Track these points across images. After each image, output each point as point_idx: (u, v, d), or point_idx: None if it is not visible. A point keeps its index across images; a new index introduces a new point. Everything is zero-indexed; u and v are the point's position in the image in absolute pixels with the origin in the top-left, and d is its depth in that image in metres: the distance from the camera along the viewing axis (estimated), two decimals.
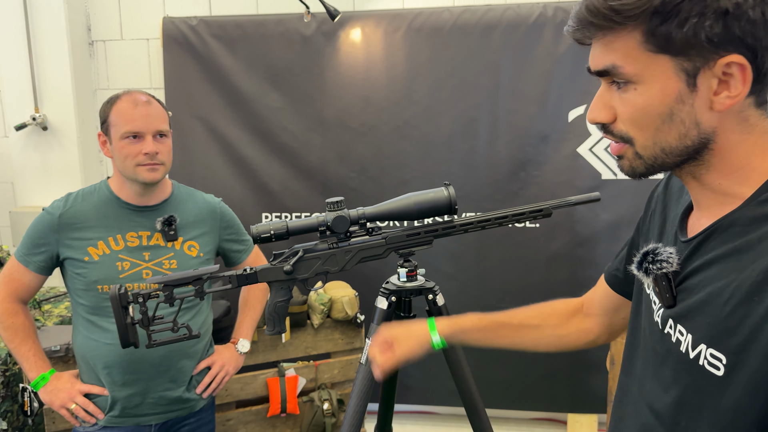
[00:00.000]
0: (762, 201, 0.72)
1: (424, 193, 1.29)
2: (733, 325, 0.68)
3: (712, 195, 0.77)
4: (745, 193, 0.74)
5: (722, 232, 0.74)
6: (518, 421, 3.15)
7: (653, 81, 0.72)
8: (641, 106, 0.74)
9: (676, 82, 0.71)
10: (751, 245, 0.69)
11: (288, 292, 1.32)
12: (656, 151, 0.75)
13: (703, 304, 0.73)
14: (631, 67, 0.73)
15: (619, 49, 0.73)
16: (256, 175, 3.01)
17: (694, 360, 0.73)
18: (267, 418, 2.48)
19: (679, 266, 0.79)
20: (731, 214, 0.74)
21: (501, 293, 2.95)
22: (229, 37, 2.94)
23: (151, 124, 1.61)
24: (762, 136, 0.74)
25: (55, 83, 2.94)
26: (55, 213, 1.65)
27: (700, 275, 0.75)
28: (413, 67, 2.88)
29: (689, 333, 0.74)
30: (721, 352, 0.69)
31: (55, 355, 2.12)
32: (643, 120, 0.74)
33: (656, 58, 0.71)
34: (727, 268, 0.71)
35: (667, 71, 0.71)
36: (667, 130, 0.73)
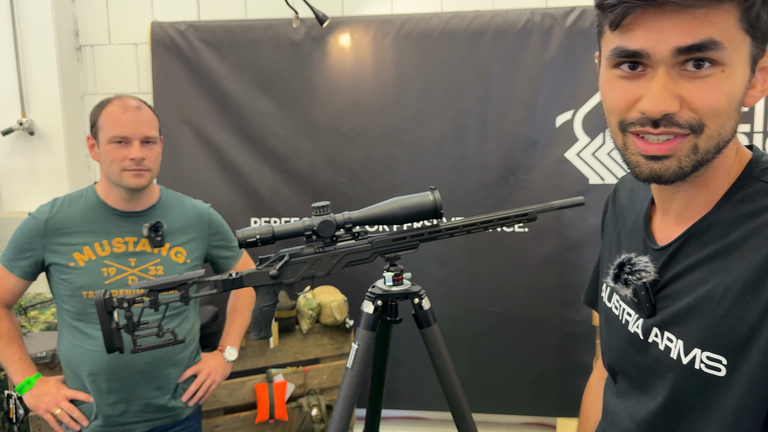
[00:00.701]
0: (735, 202, 0.72)
1: (410, 198, 1.29)
2: (731, 325, 0.68)
3: (691, 198, 0.77)
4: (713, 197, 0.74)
5: (700, 236, 0.74)
6: (508, 426, 3.15)
7: (738, 64, 0.66)
8: (728, 90, 0.67)
9: (747, 68, 0.67)
10: (735, 245, 0.69)
11: (274, 297, 1.32)
12: (713, 143, 0.69)
13: (693, 309, 0.72)
14: (729, 44, 0.65)
15: (719, 24, 0.64)
16: (245, 180, 3.01)
17: (688, 365, 0.72)
18: (255, 424, 2.47)
19: (657, 274, 0.78)
20: (706, 218, 0.74)
21: (491, 297, 2.96)
22: (218, 42, 2.93)
23: (139, 130, 1.60)
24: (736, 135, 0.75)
25: (42, 88, 2.92)
26: (41, 218, 1.64)
27: (683, 281, 0.75)
28: (402, 73, 2.88)
29: (680, 339, 0.74)
30: (720, 354, 0.69)
31: (41, 361, 2.10)
32: (725, 106, 0.67)
33: (744, 40, 0.66)
34: (714, 271, 0.71)
35: (746, 55, 0.67)
36: (731, 121, 0.68)
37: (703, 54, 0.65)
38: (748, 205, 0.70)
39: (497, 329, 2.97)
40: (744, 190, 0.72)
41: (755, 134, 2.71)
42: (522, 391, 3.01)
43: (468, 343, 2.99)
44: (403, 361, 2.99)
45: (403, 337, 2.64)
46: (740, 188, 0.72)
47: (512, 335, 2.96)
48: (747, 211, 0.70)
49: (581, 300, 1.15)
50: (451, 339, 2.90)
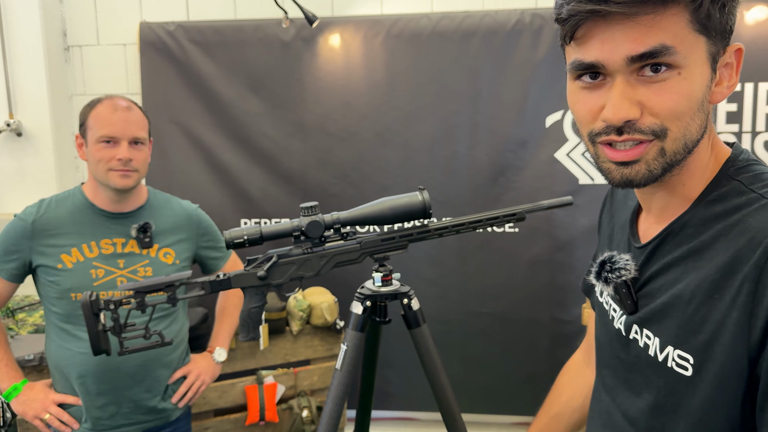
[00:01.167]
0: (710, 201, 0.72)
1: (399, 198, 1.29)
2: (697, 324, 0.69)
3: (670, 197, 0.77)
4: (692, 194, 0.74)
5: (675, 235, 0.75)
6: (499, 426, 3.15)
7: (695, 65, 0.67)
8: (687, 92, 0.67)
9: (707, 67, 0.68)
10: (706, 245, 0.70)
11: (262, 298, 1.32)
12: (680, 145, 0.70)
13: (667, 307, 0.73)
14: (681, 48, 0.66)
15: (669, 28, 0.65)
16: (235, 181, 3.00)
17: (662, 363, 0.73)
18: (245, 426, 2.46)
19: (637, 272, 0.79)
20: (682, 217, 0.74)
21: (482, 298, 2.96)
22: (207, 42, 2.92)
23: (127, 130, 1.59)
24: (711, 132, 0.74)
25: (29, 89, 2.90)
26: (27, 219, 1.62)
27: (659, 279, 0.76)
28: (393, 73, 2.88)
29: (656, 336, 0.75)
30: (688, 353, 0.70)
31: (28, 364, 2.09)
32: (685, 108, 0.68)
33: (698, 40, 0.66)
34: (687, 270, 0.72)
35: (703, 55, 0.67)
36: (695, 121, 0.69)
37: (656, 60, 0.66)
38: (721, 204, 0.71)
39: (488, 330, 2.97)
40: (718, 189, 0.72)
41: (744, 134, 2.73)
42: (513, 392, 3.02)
43: (459, 343, 2.99)
44: (394, 361, 2.99)
45: (393, 338, 2.64)
46: (715, 187, 0.73)
47: (503, 336, 2.97)
48: (719, 210, 0.71)
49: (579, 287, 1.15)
50: (443, 340, 2.92)
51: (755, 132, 2.72)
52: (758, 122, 2.72)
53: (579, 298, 2.80)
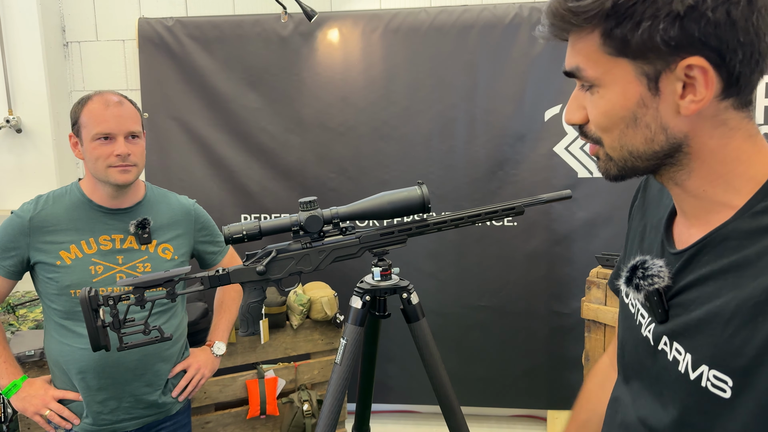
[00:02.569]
0: (756, 212, 0.67)
1: (398, 192, 1.29)
2: (738, 346, 0.64)
3: (698, 202, 0.73)
4: (734, 202, 0.69)
5: (716, 245, 0.70)
6: (498, 419, 3.17)
7: (613, 85, 0.70)
8: (603, 110, 0.72)
9: (637, 86, 0.69)
10: (750, 261, 0.65)
11: (261, 293, 1.32)
12: (624, 154, 0.73)
13: (702, 323, 0.69)
14: (592, 70, 0.71)
15: (582, 51, 0.71)
16: (234, 177, 3.00)
17: (695, 381, 0.69)
18: (246, 420, 2.47)
19: (671, 280, 0.75)
20: (724, 227, 0.70)
21: (480, 291, 2.97)
22: (205, 37, 2.92)
23: (123, 125, 1.59)
24: (747, 140, 0.70)
25: (29, 85, 2.90)
26: (25, 216, 1.62)
27: (695, 291, 0.71)
28: (391, 68, 2.88)
29: (688, 352, 0.70)
30: (727, 374, 0.65)
31: (29, 360, 2.10)
32: (607, 123, 0.72)
33: (616, 62, 0.69)
34: (726, 285, 0.67)
35: (627, 75, 0.69)
36: (633, 135, 0.71)
37: (576, 78, 0.74)
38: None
39: (487, 323, 2.98)
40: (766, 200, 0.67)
41: None
42: (512, 384, 3.03)
43: (458, 336, 3.01)
44: (394, 355, 3.00)
45: (393, 332, 2.65)
46: (763, 197, 0.68)
47: (502, 329, 2.98)
48: (766, 224, 0.66)
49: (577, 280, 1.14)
50: (441, 333, 2.93)
51: None
52: (756, 115, 2.73)
53: (577, 291, 2.81)
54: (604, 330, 2.23)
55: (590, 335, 2.28)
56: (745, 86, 0.68)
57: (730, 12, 0.63)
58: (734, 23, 0.63)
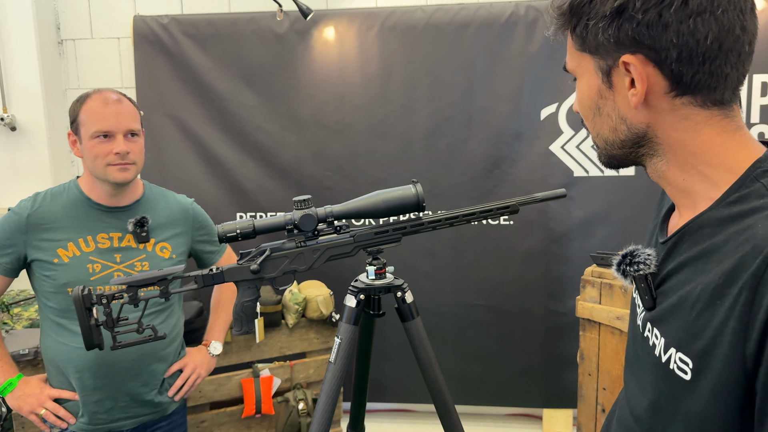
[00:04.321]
0: (730, 202, 0.70)
1: (392, 191, 1.29)
2: (699, 329, 0.68)
3: (683, 194, 0.77)
4: (712, 194, 0.72)
5: (692, 233, 0.74)
6: (495, 417, 3.17)
7: (582, 77, 0.78)
8: (578, 99, 0.81)
9: (596, 78, 0.76)
10: (717, 247, 0.69)
11: (255, 292, 1.32)
12: (600, 142, 0.80)
13: (674, 308, 0.73)
14: (570, 62, 0.80)
15: (568, 47, 0.79)
16: (230, 175, 2.99)
17: (665, 364, 0.73)
18: (242, 419, 2.47)
19: (657, 267, 0.79)
20: (701, 216, 0.73)
21: (476, 290, 2.97)
22: (201, 35, 2.91)
23: (121, 123, 1.58)
24: (720, 134, 0.72)
25: (23, 83, 2.89)
26: (22, 213, 1.61)
27: (674, 278, 0.75)
28: (387, 66, 2.88)
29: (662, 337, 0.74)
30: (688, 356, 0.69)
31: (23, 358, 2.09)
32: (581, 111, 0.81)
33: (582, 56, 0.77)
34: (696, 272, 0.71)
35: (590, 68, 0.76)
36: (601, 123, 0.78)
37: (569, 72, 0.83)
38: (739, 207, 0.69)
39: (483, 322, 2.98)
40: (741, 190, 0.70)
41: None
42: (508, 383, 3.03)
43: (454, 335, 3.01)
44: (390, 354, 3.00)
45: (389, 331, 2.65)
46: (738, 188, 0.70)
47: (498, 328, 2.98)
48: (736, 212, 0.69)
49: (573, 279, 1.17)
50: (437, 332, 2.93)
51: (750, 124, 2.72)
52: (753, 114, 2.73)
53: (573, 290, 2.81)
54: (599, 329, 2.23)
55: (585, 334, 2.28)
56: (696, 86, 0.70)
57: (662, 14, 0.67)
58: (667, 25, 0.67)
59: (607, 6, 0.69)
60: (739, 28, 0.68)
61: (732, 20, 0.67)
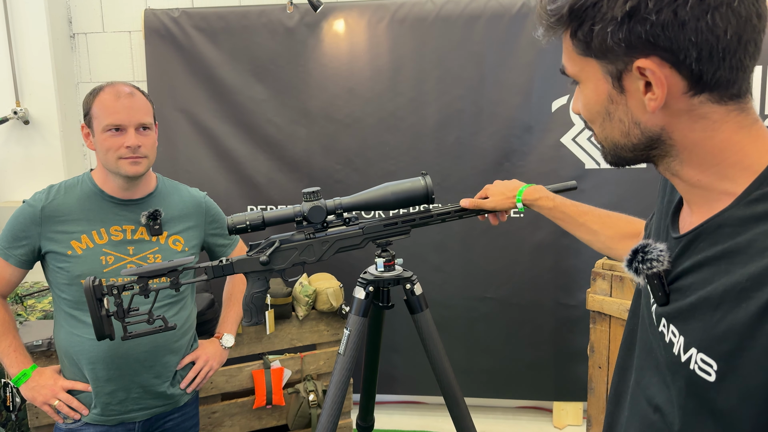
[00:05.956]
0: (751, 201, 0.67)
1: (401, 183, 1.29)
2: (723, 331, 0.65)
3: (696, 191, 0.74)
4: (732, 191, 0.70)
5: (711, 232, 0.71)
6: (505, 410, 3.18)
7: (588, 82, 0.75)
8: (584, 104, 0.77)
9: (604, 83, 0.72)
10: (741, 249, 0.66)
11: (265, 283, 1.32)
12: (609, 145, 0.77)
13: (694, 308, 0.70)
14: (571, 67, 0.76)
15: (565, 50, 0.76)
16: (240, 168, 3.01)
17: (685, 363, 0.71)
18: (253, 410, 2.48)
19: (670, 264, 0.76)
20: (720, 215, 0.70)
21: (486, 283, 2.97)
22: (211, 28, 2.92)
23: (133, 117, 1.58)
24: (738, 131, 0.70)
25: (36, 76, 2.91)
26: (37, 205, 1.62)
27: (691, 277, 0.73)
28: (397, 59, 2.87)
29: (681, 335, 0.72)
30: (712, 358, 0.66)
31: (37, 349, 2.11)
32: (588, 116, 0.78)
33: (586, 61, 0.73)
34: (718, 272, 0.68)
35: (596, 73, 0.72)
36: (610, 128, 0.75)
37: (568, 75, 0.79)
38: (762, 206, 0.66)
39: (493, 315, 2.98)
40: (762, 188, 0.67)
41: None
42: (518, 376, 3.03)
43: (463, 328, 3.01)
44: (400, 346, 3.01)
45: (399, 323, 2.66)
46: (759, 186, 0.67)
47: (508, 320, 2.98)
48: (760, 212, 0.66)
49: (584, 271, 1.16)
50: (447, 325, 2.93)
51: (764, 116, 2.69)
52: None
53: (584, 282, 2.79)
54: (610, 321, 2.22)
55: (595, 327, 2.28)
56: (716, 83, 0.67)
57: (678, 12, 0.63)
58: (683, 23, 0.63)
59: (616, 9, 0.65)
60: (755, 17, 0.65)
61: (749, 9, 0.64)
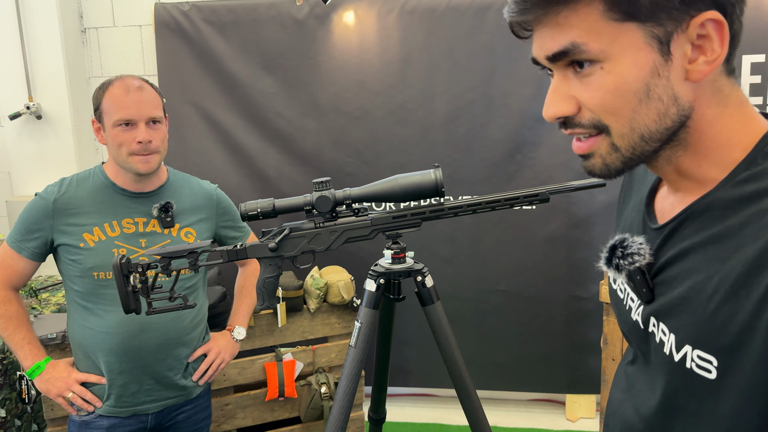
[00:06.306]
0: (740, 181, 0.64)
1: (411, 176, 1.28)
2: (721, 323, 0.61)
3: (691, 179, 0.70)
4: (720, 173, 0.66)
5: (697, 217, 0.67)
6: (517, 402, 3.17)
7: (623, 55, 0.63)
8: (613, 86, 0.64)
9: (648, 52, 0.62)
10: (732, 232, 0.62)
11: (277, 269, 1.35)
12: (635, 138, 0.66)
13: (684, 300, 0.66)
14: (596, 42, 0.63)
15: (579, 25, 0.63)
16: (251, 162, 3.01)
17: (680, 363, 0.66)
18: (265, 402, 2.49)
19: (652, 257, 0.72)
20: (706, 197, 0.67)
21: (497, 275, 2.96)
22: (221, 22, 2.92)
23: (143, 111, 1.57)
24: (738, 108, 0.66)
25: (48, 71, 2.93)
26: (49, 198, 1.63)
27: (677, 266, 0.68)
28: (407, 50, 2.86)
29: (672, 333, 0.68)
30: (711, 354, 0.62)
31: (51, 342, 2.13)
32: (617, 102, 0.65)
33: (623, 28, 0.62)
34: (708, 259, 0.64)
35: (636, 41, 0.62)
36: (645, 111, 0.64)
37: (571, 58, 0.65)
38: (753, 185, 0.63)
39: (504, 307, 2.97)
40: (751, 168, 0.64)
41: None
42: (530, 369, 3.02)
43: (475, 321, 3.00)
44: (412, 338, 3.01)
45: (411, 315, 2.65)
46: (748, 166, 0.64)
47: (519, 313, 2.96)
48: (751, 191, 0.62)
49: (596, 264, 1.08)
50: (459, 317, 2.93)
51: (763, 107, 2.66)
52: None
53: (596, 275, 2.78)
54: None
55: (608, 319, 2.26)
56: (736, 47, 0.65)
57: None
58: None
59: None
60: None
61: None
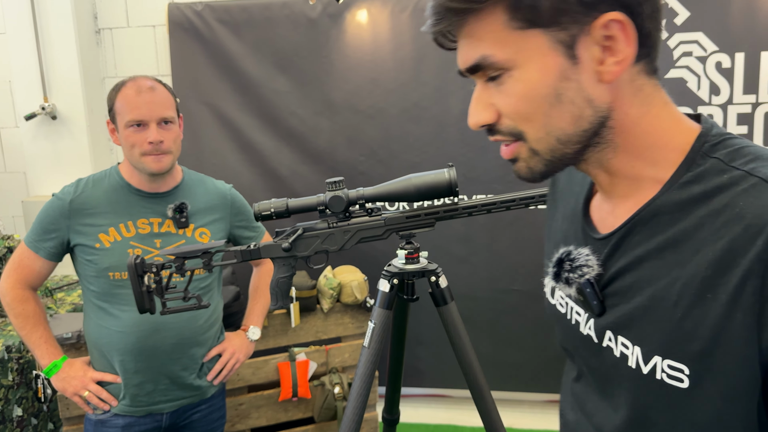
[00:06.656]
0: (684, 183, 0.63)
1: (425, 175, 1.26)
2: (690, 329, 0.60)
3: (625, 181, 0.68)
4: (661, 176, 0.65)
5: (646, 223, 0.66)
6: (532, 403, 3.14)
7: (529, 62, 0.63)
8: (522, 93, 0.64)
9: (554, 57, 0.62)
10: (687, 235, 0.62)
11: (290, 269, 1.35)
12: (551, 142, 0.66)
13: (646, 310, 0.64)
14: (501, 52, 0.64)
15: (485, 36, 0.64)
16: (264, 161, 3.01)
17: (649, 375, 0.64)
18: (279, 402, 2.49)
19: (600, 267, 0.70)
20: (652, 202, 0.65)
21: (512, 275, 2.93)
22: (234, 21, 2.92)
23: (154, 112, 1.58)
24: (664, 108, 0.66)
25: (63, 72, 2.95)
26: (65, 198, 1.64)
27: (630, 275, 0.67)
28: (421, 48, 2.84)
29: (636, 345, 0.66)
30: (682, 362, 0.61)
31: (66, 342, 2.14)
32: (528, 108, 0.65)
33: (527, 35, 0.62)
34: (666, 265, 0.63)
35: (541, 47, 0.62)
36: (559, 115, 0.64)
37: (484, 71, 0.66)
38: (699, 186, 0.62)
39: (519, 307, 2.94)
40: (693, 169, 0.63)
41: (761, 104, 2.62)
42: (545, 369, 2.99)
43: (490, 321, 2.98)
44: (425, 339, 2.99)
45: (424, 315, 2.64)
46: (689, 167, 0.64)
47: (534, 313, 2.93)
48: (698, 193, 0.62)
49: None
50: (473, 317, 2.90)
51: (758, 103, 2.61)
52: None
53: None
54: None
55: None
56: (653, 46, 0.64)
57: None
58: None
59: None
60: None
61: None
